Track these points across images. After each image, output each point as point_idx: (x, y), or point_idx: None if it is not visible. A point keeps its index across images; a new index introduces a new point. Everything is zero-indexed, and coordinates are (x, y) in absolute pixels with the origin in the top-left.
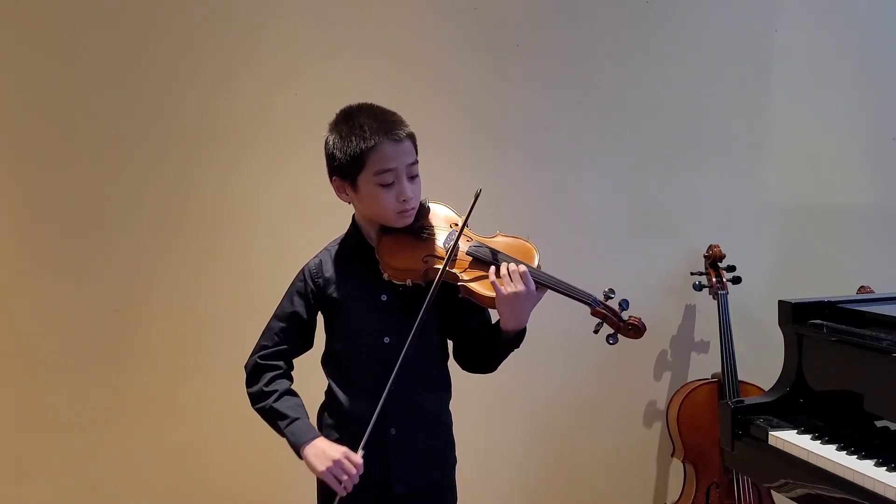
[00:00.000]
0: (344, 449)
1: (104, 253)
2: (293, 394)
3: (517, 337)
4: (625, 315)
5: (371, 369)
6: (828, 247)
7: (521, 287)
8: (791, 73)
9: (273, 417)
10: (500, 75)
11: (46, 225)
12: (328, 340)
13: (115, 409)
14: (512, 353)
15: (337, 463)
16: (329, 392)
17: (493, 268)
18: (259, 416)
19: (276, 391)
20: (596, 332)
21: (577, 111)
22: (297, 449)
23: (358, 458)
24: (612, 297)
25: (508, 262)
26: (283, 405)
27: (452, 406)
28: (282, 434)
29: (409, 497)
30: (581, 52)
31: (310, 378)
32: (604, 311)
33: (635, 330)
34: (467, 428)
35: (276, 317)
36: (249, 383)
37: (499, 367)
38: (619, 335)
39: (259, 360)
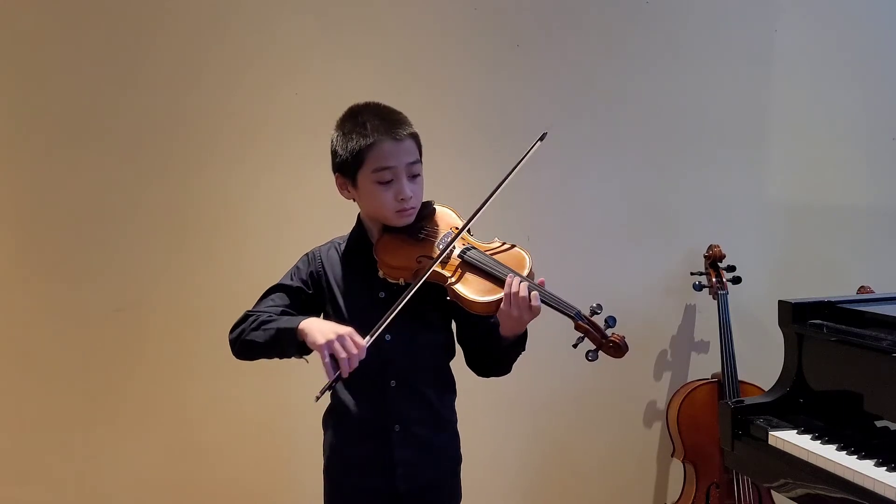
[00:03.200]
0: (349, 328)
1: (104, 253)
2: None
3: (518, 341)
4: (609, 332)
5: (373, 367)
6: (828, 247)
7: (530, 315)
8: (791, 73)
9: (260, 326)
10: (500, 75)
11: (46, 225)
12: None
13: (115, 409)
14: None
15: (339, 337)
16: (335, 393)
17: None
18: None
19: (263, 315)
20: (575, 346)
21: (577, 111)
22: (294, 328)
23: (362, 341)
24: (598, 313)
25: (521, 283)
26: (267, 316)
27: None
28: (273, 336)
29: (413, 495)
30: (581, 52)
31: (311, 378)
32: (586, 326)
33: (616, 348)
34: (468, 427)
35: (273, 287)
36: (232, 331)
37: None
38: (599, 352)
39: (248, 312)
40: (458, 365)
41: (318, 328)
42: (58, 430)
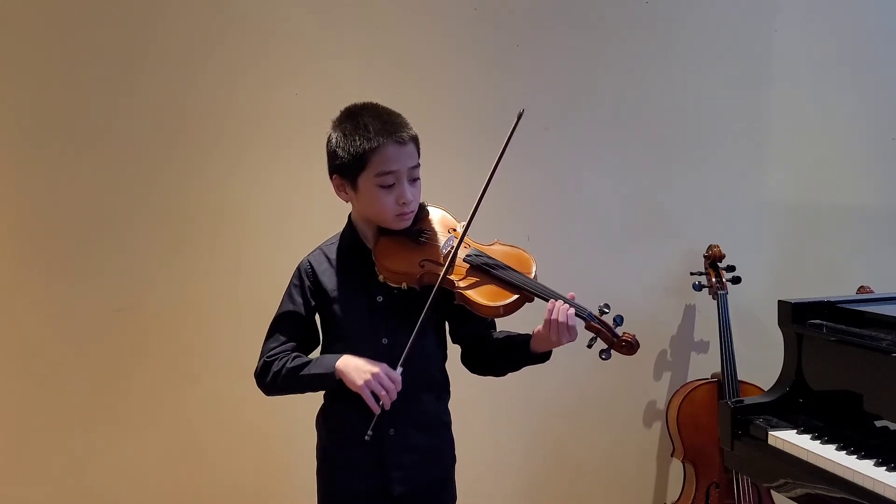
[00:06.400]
0: (382, 364)
1: (105, 253)
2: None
3: (546, 354)
4: (619, 331)
5: None
6: (828, 247)
7: (568, 340)
8: (791, 73)
9: (294, 374)
10: (499, 75)
11: (47, 225)
12: (325, 342)
13: (116, 410)
14: None
15: (376, 376)
16: (328, 394)
17: (552, 302)
18: (278, 399)
19: (287, 360)
20: (589, 346)
21: (577, 111)
22: (331, 372)
23: (396, 374)
24: (606, 312)
25: (565, 309)
26: (297, 361)
27: (453, 406)
28: (310, 381)
29: (408, 497)
30: (581, 52)
31: None
32: (598, 325)
33: (628, 347)
34: (468, 428)
35: (277, 319)
36: (260, 379)
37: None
38: (612, 351)
39: (267, 360)
40: (456, 366)
41: (353, 369)
42: (58, 430)
